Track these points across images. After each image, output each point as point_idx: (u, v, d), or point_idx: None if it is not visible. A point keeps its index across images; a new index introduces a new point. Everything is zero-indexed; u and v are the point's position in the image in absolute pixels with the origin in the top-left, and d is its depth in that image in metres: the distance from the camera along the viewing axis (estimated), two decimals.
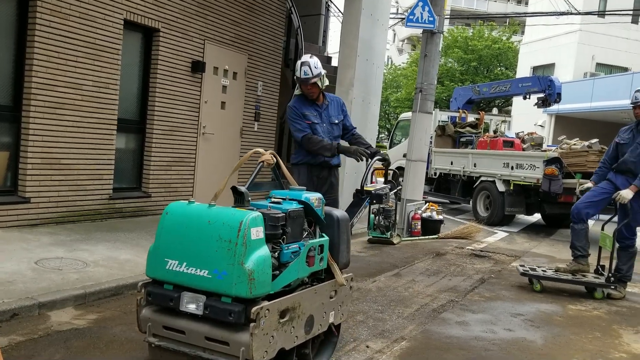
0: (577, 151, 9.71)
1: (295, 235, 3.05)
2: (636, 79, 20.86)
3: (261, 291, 2.67)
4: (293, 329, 2.92)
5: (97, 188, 6.83)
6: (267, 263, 2.70)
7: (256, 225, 2.69)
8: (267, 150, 3.49)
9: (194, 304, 2.73)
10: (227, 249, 2.64)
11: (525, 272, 5.93)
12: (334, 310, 3.36)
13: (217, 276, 2.64)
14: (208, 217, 2.75)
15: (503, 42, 33.20)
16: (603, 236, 5.86)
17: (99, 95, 6.70)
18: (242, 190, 2.96)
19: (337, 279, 3.33)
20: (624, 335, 4.61)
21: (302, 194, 3.21)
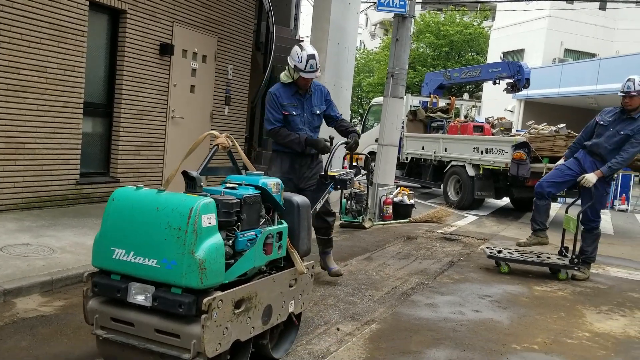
0: (544, 136, 9.87)
1: (251, 222, 2.94)
2: (603, 65, 21.26)
3: (213, 281, 2.57)
4: (249, 320, 2.82)
5: (63, 173, 6.69)
6: (219, 252, 2.59)
7: (208, 212, 2.57)
8: (223, 133, 3.37)
9: (142, 295, 2.60)
10: (176, 237, 2.52)
11: (492, 254, 6.03)
12: (294, 300, 3.27)
13: (166, 266, 2.52)
14: (157, 203, 2.62)
15: (474, 27, 33.41)
16: (567, 219, 6.00)
17: (64, 78, 6.54)
18: (194, 175, 2.83)
19: (297, 267, 3.23)
20: (587, 315, 4.73)
21: (259, 179, 3.11)
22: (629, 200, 13.42)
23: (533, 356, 3.72)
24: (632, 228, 10.36)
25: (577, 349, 3.91)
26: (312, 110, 4.79)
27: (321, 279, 5.16)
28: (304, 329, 3.82)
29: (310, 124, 4.80)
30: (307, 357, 3.38)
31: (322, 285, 4.92)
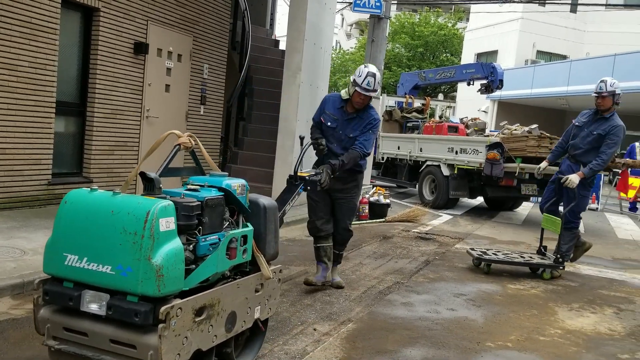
0: (517, 136, 10.02)
1: (214, 226, 2.82)
2: (574, 67, 21.68)
3: (171, 289, 2.45)
4: (211, 328, 2.70)
5: (35, 173, 6.56)
6: (178, 257, 2.48)
7: (166, 216, 2.45)
8: (185, 133, 3.23)
9: (96, 303, 2.47)
10: (132, 242, 2.39)
11: (480, 257, 6.01)
12: (260, 305, 3.17)
13: (121, 272, 2.39)
14: (112, 206, 2.49)
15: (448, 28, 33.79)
16: (549, 219, 6.09)
17: (36, 76, 6.41)
18: (152, 176, 2.68)
19: (263, 272, 3.12)
20: (559, 312, 4.82)
21: (223, 181, 2.99)
22: (599, 200, 13.70)
23: (507, 354, 3.78)
24: (602, 227, 10.58)
25: (550, 346, 3.98)
26: (348, 131, 4.67)
27: (297, 279, 5.16)
28: (280, 330, 3.83)
29: (341, 143, 4.70)
30: (284, 358, 3.38)
31: (299, 286, 4.93)
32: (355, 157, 4.58)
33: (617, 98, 5.97)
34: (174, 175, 3.34)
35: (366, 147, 4.61)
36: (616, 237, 9.47)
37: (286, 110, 9.00)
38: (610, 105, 5.95)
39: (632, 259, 7.58)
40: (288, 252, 6.26)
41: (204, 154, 3.29)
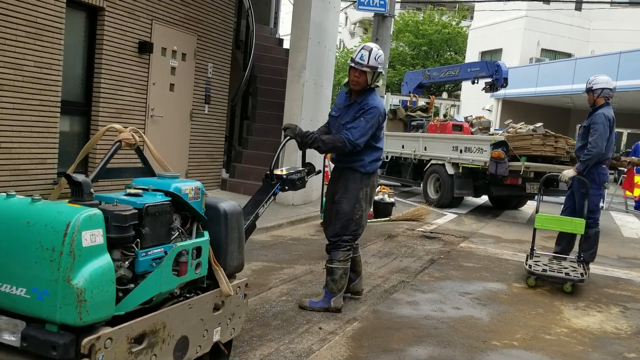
0: (522, 135, 10.00)
1: (157, 237, 2.43)
2: (579, 65, 21.61)
3: (97, 316, 2.07)
4: (155, 358, 2.29)
5: (40, 173, 6.59)
6: (106, 277, 2.08)
7: (90, 228, 2.06)
8: (127, 128, 2.86)
9: (9, 332, 2.08)
10: (49, 260, 2.00)
11: (535, 271, 5.49)
12: (221, 326, 2.75)
13: (37, 296, 2.01)
14: (28, 216, 2.09)
15: (453, 27, 33.73)
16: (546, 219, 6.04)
17: (41, 76, 6.43)
18: (79, 179, 2.26)
19: (222, 288, 2.69)
20: (564, 311, 4.81)
21: (172, 183, 2.57)
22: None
23: (513, 352, 3.77)
24: (607, 225, 10.54)
25: (556, 344, 3.97)
26: (344, 119, 4.28)
27: (302, 278, 5.17)
28: (286, 328, 3.83)
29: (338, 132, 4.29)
30: (290, 356, 3.38)
31: (304, 284, 4.93)
32: (335, 141, 4.10)
33: (600, 93, 5.98)
34: (115, 177, 2.98)
35: (352, 135, 4.07)
36: (622, 236, 9.44)
37: (290, 109, 9.00)
38: (592, 101, 6.08)
39: (638, 258, 7.55)
40: (293, 252, 6.26)
41: (151, 151, 2.90)
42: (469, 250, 7.14)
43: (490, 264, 6.40)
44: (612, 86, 6.12)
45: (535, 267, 5.55)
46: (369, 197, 4.39)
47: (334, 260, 4.27)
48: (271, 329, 3.79)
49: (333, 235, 4.31)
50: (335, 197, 4.40)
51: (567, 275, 5.37)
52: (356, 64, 4.16)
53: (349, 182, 4.30)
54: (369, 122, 4.14)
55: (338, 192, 4.36)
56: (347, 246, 4.30)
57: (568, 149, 9.77)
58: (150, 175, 2.88)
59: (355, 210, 4.26)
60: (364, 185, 4.31)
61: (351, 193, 4.27)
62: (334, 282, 4.25)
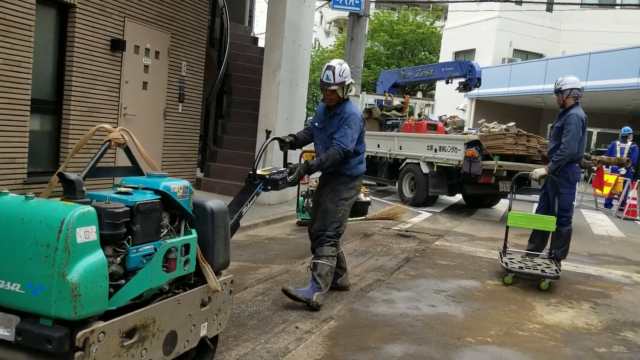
0: (495, 134, 10.13)
1: (147, 234, 2.50)
2: (550, 65, 21.98)
3: (91, 310, 2.14)
4: (145, 352, 2.37)
5: (9, 172, 6.44)
6: (99, 273, 2.16)
7: (84, 225, 2.12)
8: (116, 127, 2.91)
9: (3, 327, 2.14)
10: (44, 256, 2.07)
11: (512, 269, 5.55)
12: (207, 321, 2.83)
13: (31, 292, 2.07)
14: (22, 213, 2.16)
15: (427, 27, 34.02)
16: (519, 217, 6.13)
17: (10, 74, 6.29)
18: (72, 177, 2.33)
19: (210, 284, 2.78)
20: (537, 307, 4.89)
21: (161, 182, 2.64)
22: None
23: (487, 349, 3.82)
24: (577, 223, 10.74)
25: (529, 340, 4.03)
26: (329, 130, 4.56)
27: (278, 277, 5.15)
28: (262, 328, 3.81)
29: (325, 144, 4.60)
30: (266, 356, 3.37)
31: (280, 284, 4.91)
32: (333, 154, 4.35)
33: (569, 93, 6.08)
34: (104, 176, 3.04)
35: (343, 143, 4.35)
36: (592, 233, 9.64)
37: (266, 108, 8.97)
38: (561, 102, 6.17)
39: (608, 255, 7.71)
40: (269, 251, 6.24)
41: (140, 151, 2.94)
42: (443, 248, 7.21)
43: (464, 261, 6.46)
44: (581, 86, 6.21)
45: (511, 265, 5.63)
46: (352, 199, 4.66)
47: (321, 257, 4.46)
48: (247, 329, 3.77)
49: (317, 230, 4.56)
50: (320, 199, 4.68)
51: (543, 272, 5.45)
52: (324, 84, 4.43)
53: (335, 184, 4.61)
54: (352, 128, 4.44)
55: (324, 195, 4.64)
56: (331, 242, 4.51)
57: (540, 147, 9.93)
58: (138, 174, 2.92)
59: (338, 208, 4.54)
60: (349, 187, 4.62)
61: (336, 193, 4.57)
62: (320, 277, 4.41)
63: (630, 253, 7.94)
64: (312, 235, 4.64)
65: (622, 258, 7.53)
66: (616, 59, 18.97)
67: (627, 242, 9.00)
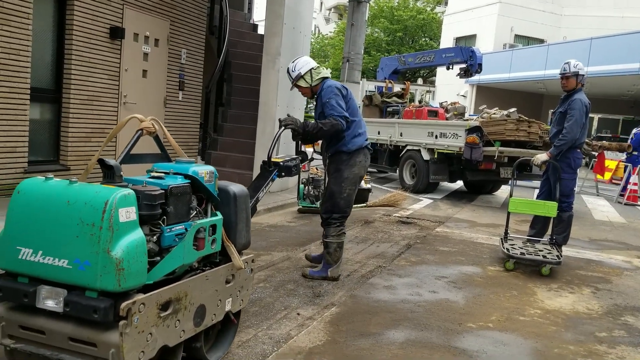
0: (496, 120, 10.10)
1: (180, 215, 2.69)
2: (551, 51, 21.88)
3: (133, 283, 2.31)
4: (178, 323, 2.56)
5: (10, 162, 6.44)
6: (140, 249, 2.33)
7: (126, 205, 2.30)
8: (148, 117, 3.08)
9: (52, 299, 2.32)
10: (89, 234, 2.24)
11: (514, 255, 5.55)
12: (232, 297, 3.03)
13: (78, 267, 2.25)
14: (67, 196, 2.33)
15: (427, 12, 33.80)
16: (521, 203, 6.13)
17: (9, 62, 6.27)
18: (112, 163, 2.52)
19: (234, 262, 2.98)
20: (538, 293, 4.90)
21: (190, 167, 2.83)
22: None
23: (488, 334, 3.83)
24: (578, 208, 10.75)
25: (530, 325, 4.05)
26: (317, 113, 4.74)
27: (279, 264, 5.17)
28: (264, 315, 3.83)
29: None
30: (268, 342, 3.38)
31: (282, 271, 4.93)
32: (331, 121, 4.46)
33: (581, 79, 6.06)
34: (137, 162, 3.16)
35: (335, 112, 4.47)
36: (593, 219, 9.65)
37: (266, 96, 8.94)
38: (574, 85, 6.08)
39: (609, 240, 7.73)
40: (270, 238, 6.25)
41: (169, 139, 3.13)
42: (444, 234, 7.22)
43: (465, 248, 6.48)
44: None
45: (513, 251, 5.64)
46: (355, 177, 4.77)
47: (328, 236, 4.75)
48: (249, 316, 3.78)
49: (325, 212, 4.78)
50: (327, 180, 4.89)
51: (545, 257, 5.46)
52: (292, 85, 4.85)
53: (337, 164, 4.75)
54: (331, 97, 4.55)
55: (329, 176, 4.84)
56: (338, 223, 4.74)
57: (541, 133, 9.91)
58: (166, 160, 3.11)
59: (342, 189, 4.70)
60: (349, 165, 4.72)
61: (338, 174, 4.72)
62: (329, 255, 4.74)
63: (631, 238, 7.96)
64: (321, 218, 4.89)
65: (622, 243, 7.55)
66: (617, 44, 18.87)
67: (628, 227, 9.01)
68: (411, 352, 3.43)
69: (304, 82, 4.73)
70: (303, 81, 4.72)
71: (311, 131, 4.51)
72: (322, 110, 4.59)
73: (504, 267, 5.61)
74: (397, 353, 3.40)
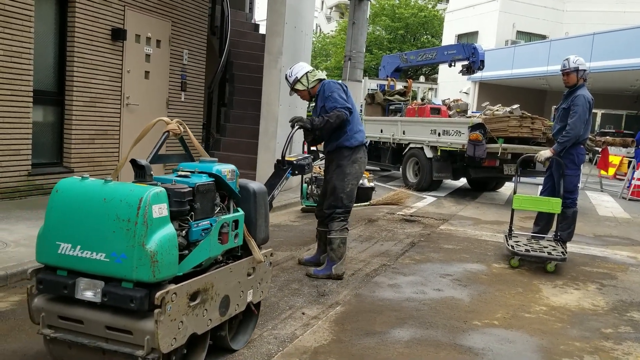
0: (499, 117, 10.07)
1: (205, 211, 2.85)
2: (554, 47, 21.81)
3: (166, 274, 2.48)
4: (206, 312, 2.74)
5: (14, 164, 6.46)
6: (172, 243, 2.50)
7: (158, 202, 2.47)
8: (173, 119, 3.27)
9: (91, 290, 2.49)
10: (125, 229, 2.41)
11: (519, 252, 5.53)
12: (253, 289, 3.21)
13: (115, 259, 2.42)
14: (104, 194, 2.50)
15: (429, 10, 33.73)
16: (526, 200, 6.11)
17: (11, 65, 6.28)
18: (143, 163, 2.71)
19: (255, 256, 3.16)
20: (543, 289, 4.89)
21: (213, 166, 3.01)
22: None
23: (493, 331, 3.82)
24: (582, 204, 10.71)
25: (535, 322, 4.04)
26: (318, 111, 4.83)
27: (284, 264, 5.16)
28: (269, 315, 3.83)
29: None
30: (273, 342, 3.38)
31: (286, 271, 4.93)
32: (335, 113, 4.59)
33: (582, 74, 6.04)
34: (163, 162, 3.34)
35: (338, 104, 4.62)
36: (597, 215, 9.62)
37: (268, 95, 8.93)
38: (575, 81, 6.06)
39: (613, 236, 7.70)
40: (274, 238, 6.25)
41: (192, 141, 3.28)
42: (448, 232, 7.21)
43: (469, 245, 6.47)
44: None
45: (518, 248, 5.62)
46: (357, 173, 4.86)
47: (331, 231, 4.80)
48: None
49: (327, 208, 4.83)
50: (328, 177, 4.92)
51: (550, 254, 5.44)
52: (291, 93, 5.05)
53: (339, 160, 4.82)
54: (335, 92, 4.70)
55: (330, 172, 4.88)
56: (341, 217, 4.80)
57: (544, 130, 9.88)
58: (190, 160, 3.26)
59: (345, 184, 4.78)
60: (351, 161, 4.81)
61: (340, 169, 4.80)
62: (332, 251, 4.78)
63: (635, 234, 7.93)
64: (321, 215, 4.92)
65: (627, 239, 7.52)
66: (620, 39, 18.81)
67: (632, 223, 8.99)
68: (417, 350, 3.43)
69: (301, 85, 4.88)
70: (300, 84, 4.88)
71: (318, 125, 4.62)
72: (324, 105, 4.73)
73: (508, 264, 5.60)
74: (403, 352, 3.39)
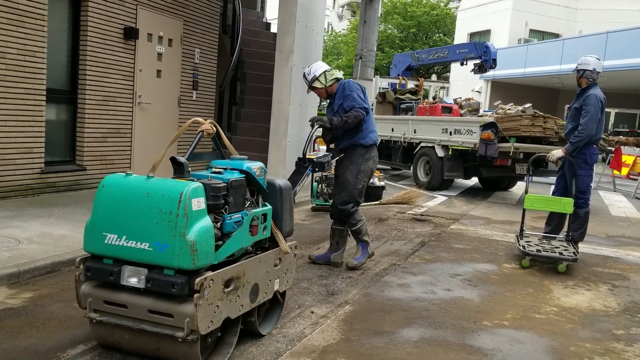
0: (511, 116, 10.01)
1: (237, 205, 3.06)
2: (567, 45, 21.62)
3: (204, 262, 2.67)
4: (238, 298, 2.95)
5: (27, 162, 6.52)
6: (209, 234, 2.70)
7: (197, 196, 2.68)
8: (207, 120, 3.46)
9: (135, 277, 2.71)
10: (167, 220, 2.62)
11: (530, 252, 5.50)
12: (279, 278, 3.42)
13: (158, 249, 2.62)
14: (147, 189, 2.72)
15: (441, 8, 33.57)
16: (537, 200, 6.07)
17: (25, 64, 6.34)
18: (182, 160, 2.93)
19: (282, 247, 3.39)
20: (554, 290, 4.86)
21: (244, 164, 3.22)
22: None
23: (503, 332, 3.81)
24: (595, 204, 10.63)
25: (546, 323, 4.02)
26: (335, 109, 5.00)
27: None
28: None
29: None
30: (282, 341, 3.39)
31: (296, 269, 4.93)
32: (353, 113, 4.79)
33: (588, 74, 5.98)
34: (198, 159, 3.61)
35: (356, 104, 4.82)
36: (610, 215, 9.53)
37: (279, 94, 8.94)
38: (585, 84, 6.03)
39: (626, 236, 7.64)
40: None
41: (224, 140, 3.50)
42: (459, 232, 7.18)
43: (480, 245, 6.44)
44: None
45: (529, 248, 5.59)
46: (369, 171, 5.04)
47: (355, 223, 5.04)
48: None
49: (341, 203, 4.98)
50: (339, 172, 5.08)
51: (561, 255, 5.40)
52: (309, 90, 5.21)
53: (353, 157, 5.00)
54: (354, 91, 4.91)
55: (343, 168, 5.03)
56: (356, 209, 5.03)
57: (557, 129, 9.81)
58: (222, 158, 3.45)
59: (357, 180, 4.97)
60: (365, 159, 5.00)
61: (354, 166, 4.98)
62: (362, 236, 5.09)
63: None
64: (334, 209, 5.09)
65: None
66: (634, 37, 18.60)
67: None
68: (425, 350, 3.42)
69: (319, 83, 5.05)
70: (318, 82, 5.05)
71: (337, 125, 4.78)
72: (342, 103, 4.91)
73: (519, 265, 5.57)
74: (412, 352, 3.39)
